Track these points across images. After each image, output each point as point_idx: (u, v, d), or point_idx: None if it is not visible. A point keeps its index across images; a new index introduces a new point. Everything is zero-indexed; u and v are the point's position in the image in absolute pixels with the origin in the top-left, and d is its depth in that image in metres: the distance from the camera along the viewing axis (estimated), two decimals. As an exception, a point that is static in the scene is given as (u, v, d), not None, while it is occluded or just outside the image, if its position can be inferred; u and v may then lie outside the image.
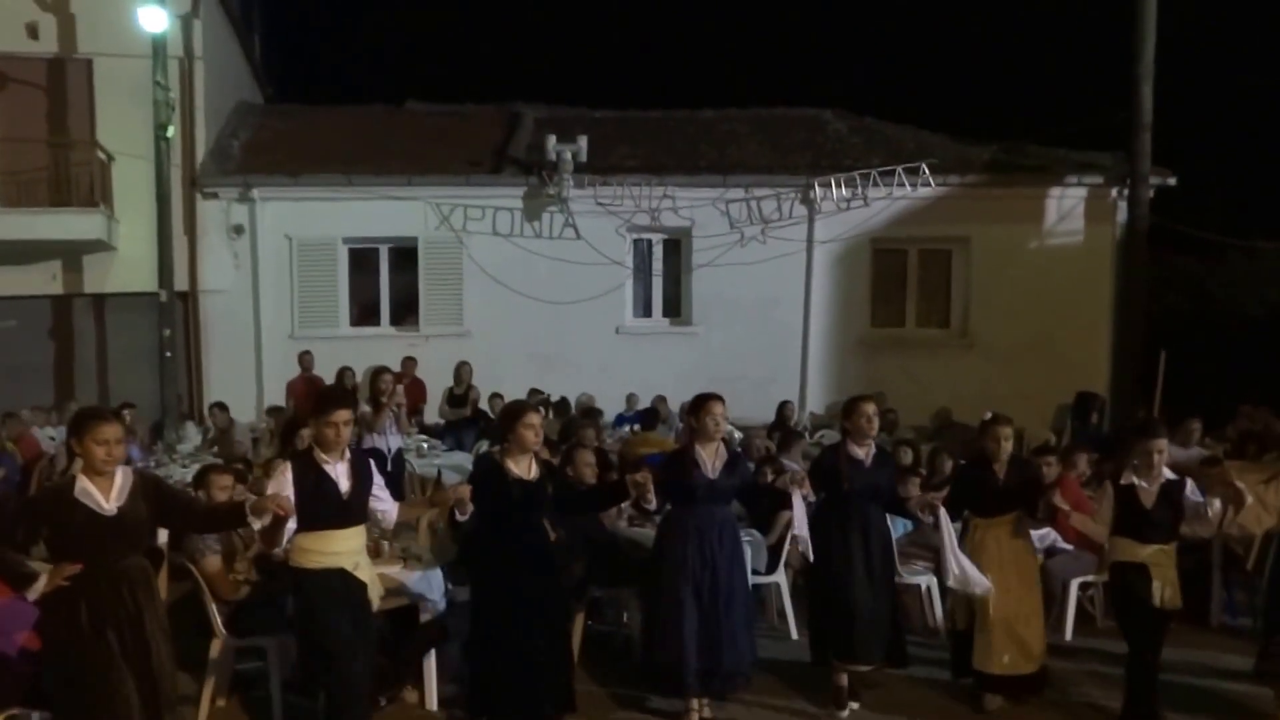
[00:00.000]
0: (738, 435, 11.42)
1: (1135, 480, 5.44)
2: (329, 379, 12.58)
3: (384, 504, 4.95)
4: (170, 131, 12.66)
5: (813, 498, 5.76)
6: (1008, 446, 5.78)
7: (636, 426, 11.63)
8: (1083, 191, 14.15)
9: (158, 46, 12.35)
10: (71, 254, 13.26)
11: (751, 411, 12.44)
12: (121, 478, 4.16)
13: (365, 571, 4.80)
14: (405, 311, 14.31)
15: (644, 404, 12.76)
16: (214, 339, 13.73)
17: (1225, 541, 7.33)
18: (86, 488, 4.06)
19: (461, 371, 13.01)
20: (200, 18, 13.52)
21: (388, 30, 32.34)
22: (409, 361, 13.20)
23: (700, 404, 5.60)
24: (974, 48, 22.31)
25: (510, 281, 13.77)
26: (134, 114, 12.77)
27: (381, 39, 30.66)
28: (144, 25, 12.20)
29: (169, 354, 12.72)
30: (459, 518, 5.14)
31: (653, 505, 5.45)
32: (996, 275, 14.07)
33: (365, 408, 9.55)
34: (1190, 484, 5.45)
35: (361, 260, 14.22)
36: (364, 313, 14.34)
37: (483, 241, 13.83)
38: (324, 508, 4.61)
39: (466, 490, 5.01)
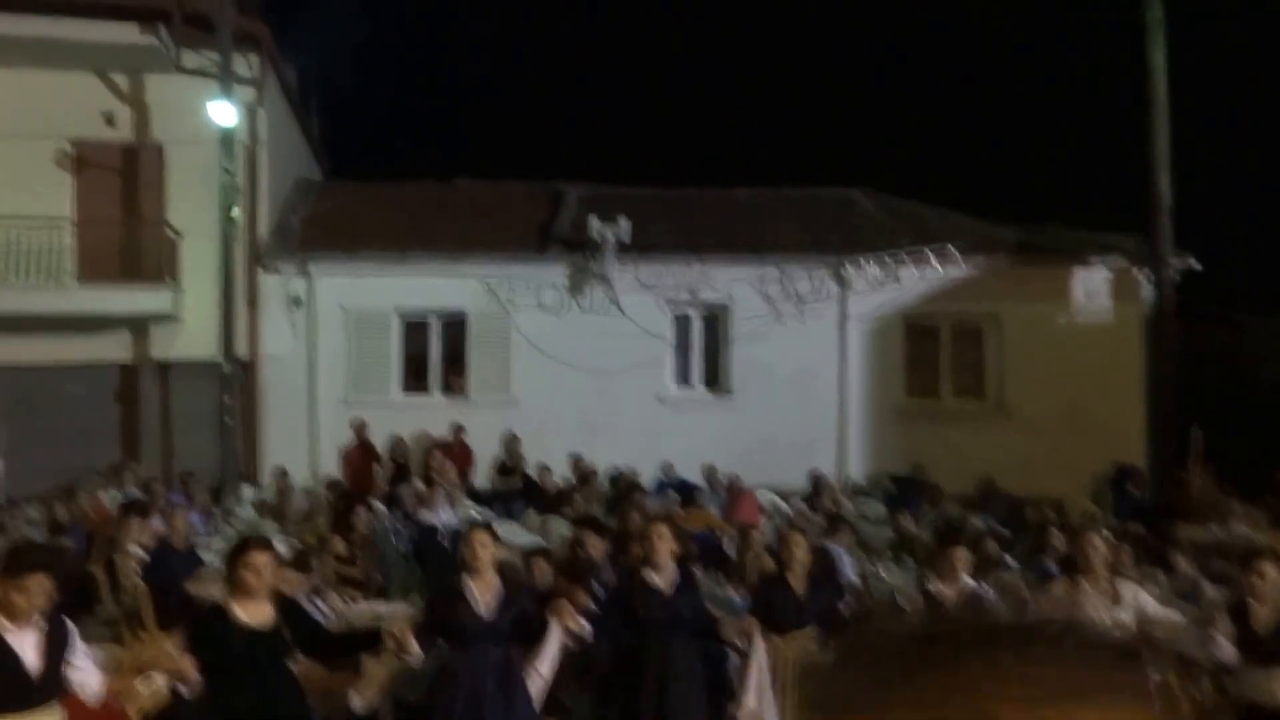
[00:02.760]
0: (783, 508, 11.84)
1: (940, 587, 5.23)
2: (381, 446, 13.17)
3: (84, 673, 4.14)
4: (235, 213, 13.33)
5: (585, 631, 4.97)
6: (801, 555, 5.37)
7: (675, 495, 11.91)
8: (1107, 271, 14.57)
9: (225, 137, 13.06)
10: (139, 324, 13.87)
11: (789, 478, 12.95)
12: None
13: None
14: (454, 380, 14.80)
15: (682, 471, 13.16)
16: (271, 404, 14.29)
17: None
18: None
19: (510, 444, 13.55)
20: (264, 106, 14.27)
21: (438, 108, 33.71)
22: (458, 429, 13.70)
23: (467, 532, 5.04)
24: (996, 130, 23.01)
25: (555, 352, 14.27)
26: (202, 195, 13.47)
27: (432, 116, 32.05)
28: (214, 119, 12.93)
29: (229, 420, 13.27)
30: (184, 692, 4.37)
31: (414, 657, 4.71)
32: (1029, 350, 14.40)
33: (419, 484, 10.09)
34: (991, 593, 5.32)
35: (413, 331, 14.77)
36: (414, 381, 14.87)
37: (529, 314, 14.37)
38: (1, 690, 3.87)
39: (187, 662, 4.24)
